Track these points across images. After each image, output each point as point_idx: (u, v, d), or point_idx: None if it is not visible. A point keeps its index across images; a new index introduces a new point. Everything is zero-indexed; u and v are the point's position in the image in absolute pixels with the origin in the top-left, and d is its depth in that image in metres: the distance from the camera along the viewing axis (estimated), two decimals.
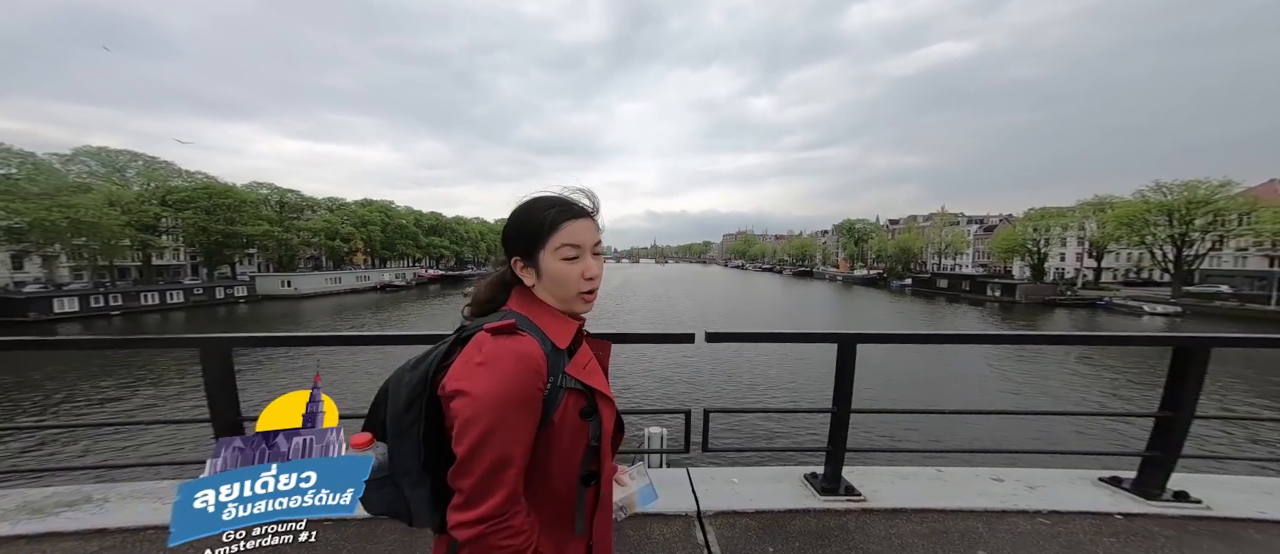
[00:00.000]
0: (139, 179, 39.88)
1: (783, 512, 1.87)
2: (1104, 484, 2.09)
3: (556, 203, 0.80)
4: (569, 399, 0.77)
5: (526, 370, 0.71)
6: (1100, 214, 42.90)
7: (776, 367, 15.76)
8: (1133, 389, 14.19)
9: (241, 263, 47.41)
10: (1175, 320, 31.87)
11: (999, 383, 15.06)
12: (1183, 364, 1.91)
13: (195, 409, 1.95)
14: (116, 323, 30.80)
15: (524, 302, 0.82)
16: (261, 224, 44.13)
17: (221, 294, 39.35)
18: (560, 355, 0.78)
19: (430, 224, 73.15)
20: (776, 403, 12.56)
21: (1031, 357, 17.91)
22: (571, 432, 0.77)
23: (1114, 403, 13.07)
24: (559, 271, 0.78)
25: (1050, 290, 42.61)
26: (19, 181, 29.67)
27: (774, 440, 9.21)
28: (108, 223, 31.41)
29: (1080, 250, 49.44)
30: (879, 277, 69.42)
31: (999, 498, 1.97)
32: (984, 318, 34.92)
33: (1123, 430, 9.28)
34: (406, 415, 0.77)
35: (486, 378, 0.69)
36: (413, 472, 0.77)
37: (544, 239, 0.77)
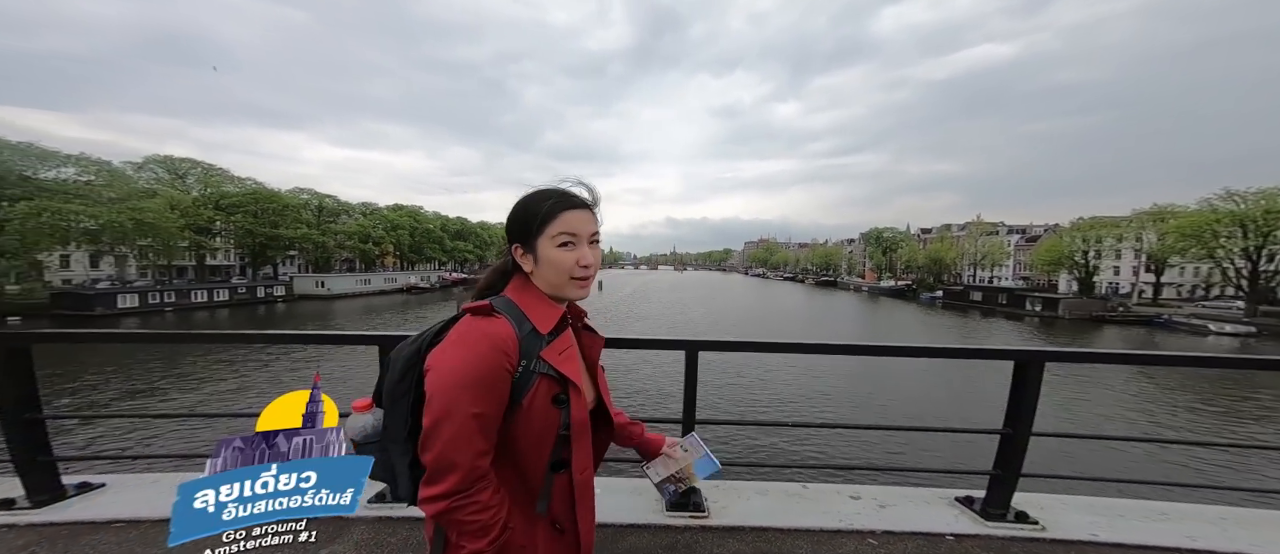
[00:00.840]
0: (197, 185, 43.17)
1: (947, 536, 1.83)
2: (957, 503, 2.04)
3: (555, 194, 0.83)
4: (541, 383, 0.78)
5: (493, 350, 0.74)
6: (1160, 224, 39.75)
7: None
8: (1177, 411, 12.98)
9: (284, 264, 50.35)
10: (1249, 341, 29.13)
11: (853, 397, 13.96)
12: (1019, 377, 1.88)
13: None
14: (169, 318, 33.21)
15: (517, 288, 0.86)
16: (301, 228, 46.80)
17: (262, 293, 41.76)
18: (538, 340, 0.80)
19: (456, 229, 75.69)
20: None
21: None
22: (541, 416, 0.78)
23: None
24: (554, 257, 0.81)
25: (1099, 306, 39.74)
26: (97, 188, 32.79)
27: None
28: (167, 225, 34.04)
29: (1137, 264, 45.95)
30: (907, 288, 66.59)
31: (842, 517, 1.94)
32: (1021, 334, 32.86)
33: None
34: (399, 385, 0.80)
35: (454, 355, 0.73)
36: (400, 439, 0.80)
37: (542, 228, 0.81)
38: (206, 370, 16.48)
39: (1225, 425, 12.61)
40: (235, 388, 14.59)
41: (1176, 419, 13.03)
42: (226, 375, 15.97)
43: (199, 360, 17.48)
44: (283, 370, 16.61)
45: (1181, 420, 12.95)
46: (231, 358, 17.67)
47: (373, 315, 36.68)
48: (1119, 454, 9.04)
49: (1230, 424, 12.70)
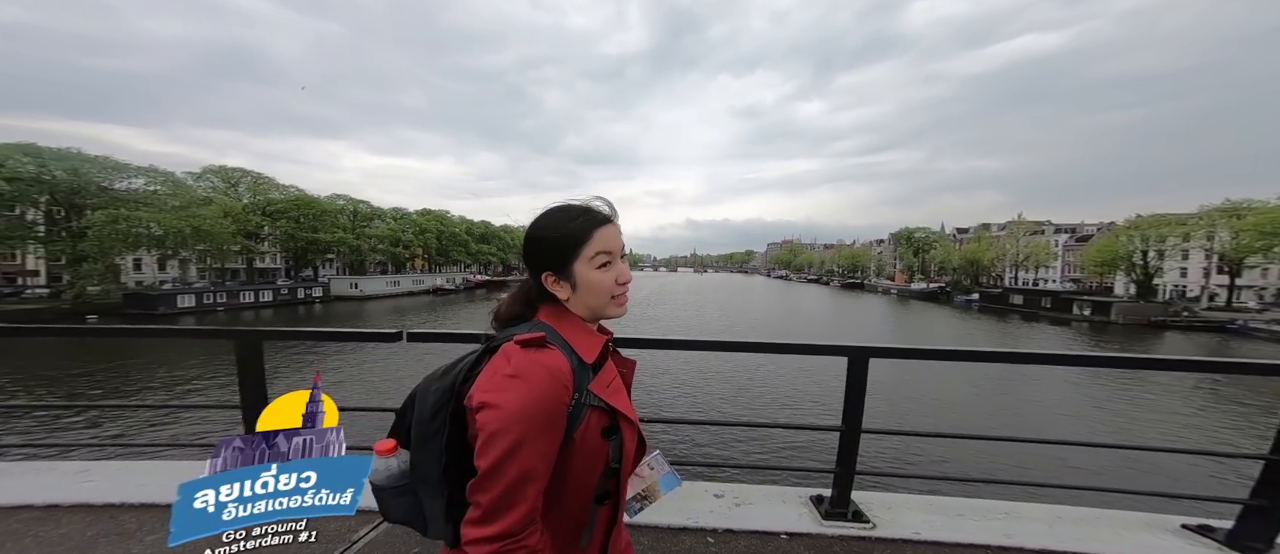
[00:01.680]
0: (247, 192, 46.41)
1: (781, 534, 1.86)
2: (808, 502, 2.05)
3: (581, 212, 0.79)
4: (591, 417, 0.76)
5: (555, 384, 0.70)
6: (1233, 221, 36.08)
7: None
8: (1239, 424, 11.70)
9: (324, 267, 53.33)
10: None
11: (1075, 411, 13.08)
12: (851, 375, 1.90)
13: None
14: (221, 316, 35.85)
15: (553, 315, 0.81)
16: (338, 232, 49.43)
17: (302, 294, 44.41)
18: (586, 371, 0.77)
19: (480, 232, 77.94)
20: (785, 418, 11.88)
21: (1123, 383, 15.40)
22: (591, 450, 0.76)
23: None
24: (595, 280, 0.78)
25: (1159, 310, 36.47)
26: (163, 197, 35.79)
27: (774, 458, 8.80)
28: (220, 231, 36.77)
29: (1207, 265, 41.83)
30: (940, 290, 63.35)
31: (691, 515, 1.92)
32: (1066, 340, 30.53)
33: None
34: (431, 424, 0.76)
35: (516, 391, 0.68)
36: (433, 481, 0.77)
37: (577, 250, 0.77)
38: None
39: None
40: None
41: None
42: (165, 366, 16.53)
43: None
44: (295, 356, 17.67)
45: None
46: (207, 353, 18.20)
47: (401, 314, 38.32)
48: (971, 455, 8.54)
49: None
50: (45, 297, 32.01)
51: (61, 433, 9.81)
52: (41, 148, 31.69)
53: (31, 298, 31.94)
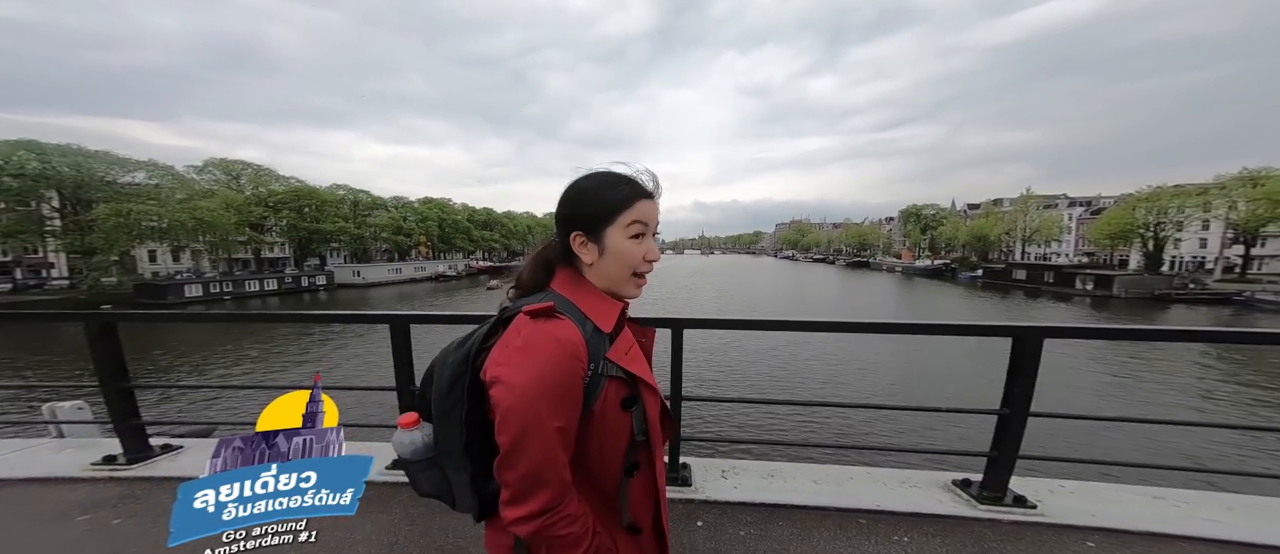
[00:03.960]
0: (249, 184, 46.46)
1: (937, 517, 1.80)
2: (953, 487, 1.95)
3: (628, 180, 0.77)
4: (610, 387, 0.73)
5: (566, 356, 0.68)
6: (1249, 190, 35.02)
7: None
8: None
9: (331, 256, 53.73)
10: None
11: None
12: (1017, 355, 1.80)
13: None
14: (227, 304, 36.50)
15: (568, 283, 0.78)
16: (339, 222, 49.61)
17: (306, 283, 44.92)
18: (602, 339, 0.75)
19: (483, 219, 77.80)
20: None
21: None
22: (613, 421, 0.74)
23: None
24: (625, 249, 0.76)
25: (1163, 283, 35.90)
26: (164, 190, 35.91)
27: None
28: (222, 222, 37.01)
29: (1210, 235, 41.06)
30: (946, 267, 62.69)
31: (831, 496, 1.89)
32: (1066, 315, 30.10)
33: None
34: (449, 397, 0.74)
35: (526, 365, 0.67)
36: (456, 454, 0.75)
37: (615, 216, 0.75)
38: (253, 346, 18.13)
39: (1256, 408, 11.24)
40: (261, 360, 16.17)
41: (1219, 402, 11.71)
42: (253, 349, 17.63)
43: (245, 339, 19.11)
44: (311, 344, 18.67)
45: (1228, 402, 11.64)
46: (269, 336, 19.41)
47: (403, 300, 38.95)
48: (1120, 438, 8.34)
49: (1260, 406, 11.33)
50: (65, 287, 32.84)
51: (236, 411, 10.47)
52: (44, 144, 31.68)
53: (53, 289, 32.88)
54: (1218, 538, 1.66)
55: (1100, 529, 1.73)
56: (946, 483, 2.00)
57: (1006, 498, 1.85)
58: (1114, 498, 1.91)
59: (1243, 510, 1.82)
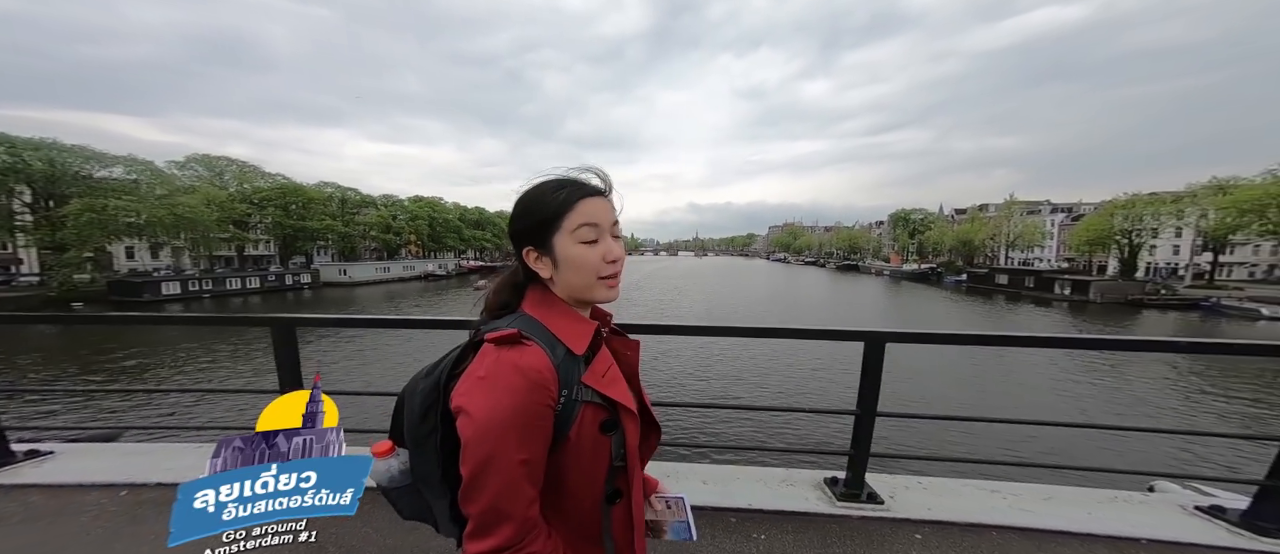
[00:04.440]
0: (233, 181, 45.50)
1: (799, 514, 1.89)
2: (823, 485, 2.05)
3: (567, 183, 0.73)
4: (587, 412, 0.69)
5: (529, 385, 0.64)
6: (1217, 199, 36.51)
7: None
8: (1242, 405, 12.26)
9: (318, 254, 52.79)
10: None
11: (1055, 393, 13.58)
12: (866, 359, 1.90)
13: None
14: (206, 303, 35.80)
15: (537, 303, 0.75)
16: (326, 219, 48.85)
17: (290, 281, 44.11)
18: (576, 363, 0.71)
19: (474, 218, 77.23)
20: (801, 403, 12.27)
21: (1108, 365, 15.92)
22: (590, 448, 0.70)
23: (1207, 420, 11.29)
24: (578, 256, 0.71)
25: (1136, 288, 37.20)
26: (142, 186, 34.98)
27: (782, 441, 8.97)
28: (203, 219, 36.15)
29: (1183, 243, 42.69)
30: (931, 271, 64.05)
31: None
32: (1045, 319, 30.99)
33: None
34: (421, 426, 0.72)
35: (485, 396, 0.64)
36: (434, 481, 0.74)
37: (558, 222, 0.70)
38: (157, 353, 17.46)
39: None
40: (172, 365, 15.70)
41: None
42: (157, 355, 17.05)
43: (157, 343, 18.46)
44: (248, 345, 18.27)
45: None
46: (192, 340, 18.75)
47: (391, 299, 38.42)
48: (1001, 436, 8.80)
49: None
50: (35, 285, 31.75)
51: (107, 415, 9.98)
52: (15, 138, 30.62)
53: (21, 286, 31.75)
54: (1027, 527, 1.82)
55: (932, 522, 1.84)
56: (819, 481, 2.10)
57: (862, 494, 1.96)
58: (956, 492, 2.05)
59: (1060, 501, 1.98)
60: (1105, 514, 1.89)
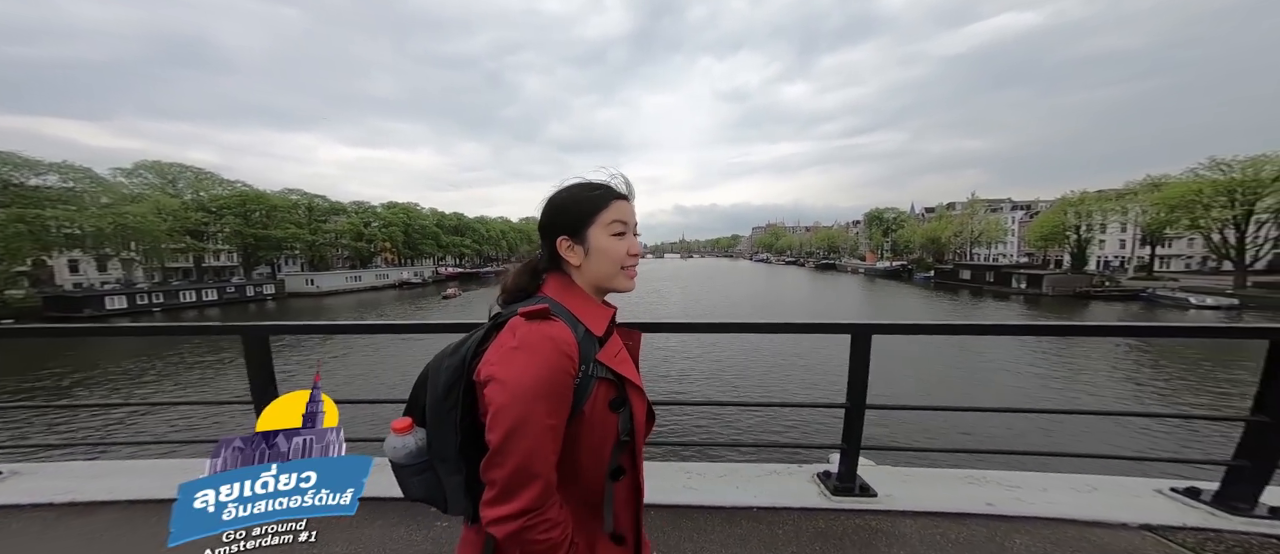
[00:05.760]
0: (188, 189, 42.66)
1: (792, 510, 1.87)
2: (816, 479, 2.05)
3: (603, 185, 0.83)
4: (599, 388, 0.75)
5: (559, 354, 0.70)
6: (1149, 196, 39.61)
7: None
8: (1200, 390, 13.22)
9: (286, 263, 50.09)
10: (1231, 314, 29.29)
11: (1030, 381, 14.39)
12: (854, 351, 1.90)
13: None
14: (157, 317, 33.22)
15: (559, 288, 0.82)
16: (290, 228, 46.45)
17: (252, 292, 41.65)
18: (593, 342, 0.77)
19: (452, 224, 75.05)
20: (788, 397, 12.34)
21: (1066, 351, 17.00)
22: (600, 423, 0.76)
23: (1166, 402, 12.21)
24: (608, 246, 0.80)
25: (1084, 281, 39.76)
26: (81, 194, 32.25)
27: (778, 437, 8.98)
28: (151, 229, 33.69)
29: (1128, 237, 46.07)
30: (903, 268, 66.75)
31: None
32: (1003, 311, 33.06)
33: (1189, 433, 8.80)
34: (444, 402, 0.76)
35: (521, 363, 0.68)
36: (450, 458, 0.76)
37: (595, 216, 0.80)
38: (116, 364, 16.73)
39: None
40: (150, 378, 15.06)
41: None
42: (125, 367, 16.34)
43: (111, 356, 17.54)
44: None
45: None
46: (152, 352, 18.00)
47: (363, 308, 36.98)
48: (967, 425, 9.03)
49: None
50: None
51: (71, 433, 9.48)
52: None
53: None
54: (1016, 515, 1.85)
55: (925, 512, 1.86)
56: (813, 475, 2.09)
57: (855, 487, 1.96)
58: (945, 482, 2.06)
59: (1043, 488, 2.01)
60: (1087, 499, 1.94)
